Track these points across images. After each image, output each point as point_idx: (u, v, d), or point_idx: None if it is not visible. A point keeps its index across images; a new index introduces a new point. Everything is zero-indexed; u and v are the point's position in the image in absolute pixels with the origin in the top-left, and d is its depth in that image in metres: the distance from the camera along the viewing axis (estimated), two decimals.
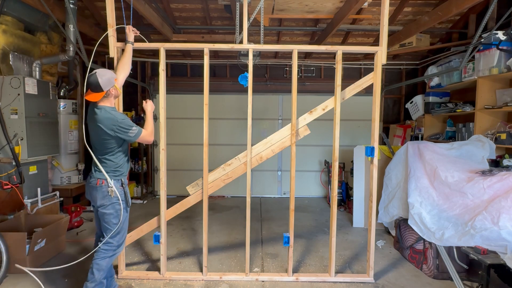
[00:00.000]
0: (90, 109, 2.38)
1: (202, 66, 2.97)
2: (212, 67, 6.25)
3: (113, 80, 2.34)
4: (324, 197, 6.35)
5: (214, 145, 6.15)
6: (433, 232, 2.99)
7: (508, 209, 2.54)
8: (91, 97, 2.28)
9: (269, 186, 6.45)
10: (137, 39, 2.83)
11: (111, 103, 2.38)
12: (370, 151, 2.89)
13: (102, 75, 2.26)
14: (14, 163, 3.49)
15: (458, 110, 4.46)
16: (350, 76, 6.10)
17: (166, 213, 2.97)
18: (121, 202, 2.38)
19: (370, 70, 3.29)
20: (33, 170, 3.82)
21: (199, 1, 4.30)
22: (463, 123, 4.38)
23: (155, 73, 6.29)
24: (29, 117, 3.67)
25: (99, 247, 2.40)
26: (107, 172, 2.35)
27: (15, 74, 3.73)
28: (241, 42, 3.23)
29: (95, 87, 2.25)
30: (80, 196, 4.96)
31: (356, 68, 6.28)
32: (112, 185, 2.33)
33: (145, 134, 2.42)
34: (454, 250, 2.92)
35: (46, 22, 4.24)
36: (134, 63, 5.87)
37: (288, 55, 6.07)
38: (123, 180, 2.44)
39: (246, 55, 2.93)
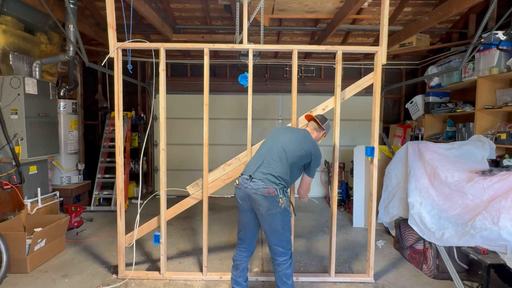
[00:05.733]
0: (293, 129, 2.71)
1: (202, 66, 2.97)
2: (212, 67, 6.25)
3: (325, 132, 2.78)
4: (324, 197, 6.35)
5: (214, 145, 6.15)
6: (433, 232, 2.99)
7: (508, 209, 2.54)
8: (309, 116, 2.79)
9: None
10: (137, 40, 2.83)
11: (314, 137, 2.69)
12: (370, 151, 2.89)
13: (329, 126, 2.76)
14: (14, 163, 3.49)
15: (458, 110, 4.46)
16: (350, 76, 6.09)
17: (166, 213, 2.97)
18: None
19: (370, 70, 3.29)
20: (33, 170, 3.82)
21: (199, 1, 4.31)
22: (463, 123, 4.38)
23: (155, 73, 6.28)
24: (29, 117, 3.67)
25: (279, 262, 2.43)
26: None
27: (15, 74, 3.73)
28: (241, 42, 3.23)
29: (321, 120, 2.69)
30: (80, 196, 4.96)
31: (356, 68, 6.28)
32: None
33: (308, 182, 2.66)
34: (454, 250, 2.92)
35: (46, 22, 4.25)
36: (134, 63, 5.91)
37: (288, 55, 6.07)
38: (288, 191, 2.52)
39: (246, 55, 2.93)
